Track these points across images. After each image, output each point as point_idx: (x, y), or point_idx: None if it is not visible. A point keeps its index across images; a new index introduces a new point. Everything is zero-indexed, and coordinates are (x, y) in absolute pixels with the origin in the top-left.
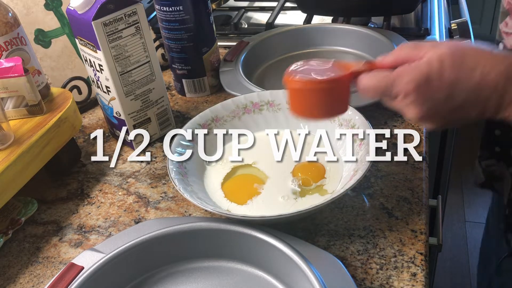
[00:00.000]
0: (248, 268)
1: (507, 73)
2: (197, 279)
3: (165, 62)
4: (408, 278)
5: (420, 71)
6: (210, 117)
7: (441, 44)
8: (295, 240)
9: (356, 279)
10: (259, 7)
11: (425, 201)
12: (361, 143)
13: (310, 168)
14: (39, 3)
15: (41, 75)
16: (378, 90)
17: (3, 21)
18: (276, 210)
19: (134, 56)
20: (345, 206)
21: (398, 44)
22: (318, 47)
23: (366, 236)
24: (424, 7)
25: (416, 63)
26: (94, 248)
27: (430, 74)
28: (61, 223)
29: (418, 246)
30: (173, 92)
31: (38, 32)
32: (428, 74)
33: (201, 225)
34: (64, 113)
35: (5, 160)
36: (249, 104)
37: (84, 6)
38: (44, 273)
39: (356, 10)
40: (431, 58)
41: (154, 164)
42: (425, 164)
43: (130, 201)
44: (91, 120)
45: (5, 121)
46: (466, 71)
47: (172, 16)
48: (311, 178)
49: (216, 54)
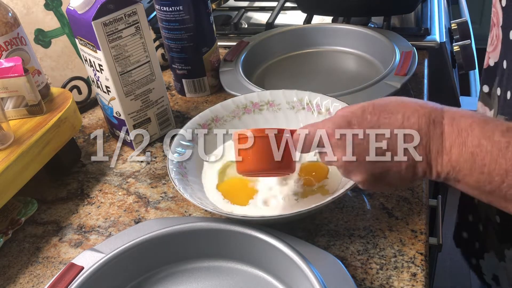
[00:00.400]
0: (248, 268)
1: (429, 115)
2: (197, 279)
3: (165, 62)
4: (408, 278)
5: (342, 115)
6: (210, 117)
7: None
8: (295, 240)
9: (356, 279)
10: (259, 7)
11: (425, 201)
12: None
13: (314, 169)
14: (39, 3)
15: (41, 75)
16: (308, 136)
17: (3, 21)
18: (276, 210)
19: (134, 56)
20: (345, 206)
21: (398, 44)
22: (318, 47)
23: (366, 236)
24: (424, 7)
25: (339, 113)
26: (94, 248)
27: (351, 118)
28: (61, 223)
29: (418, 246)
30: (173, 92)
31: (38, 32)
32: (350, 118)
33: (201, 225)
34: (64, 113)
35: (5, 160)
36: (249, 104)
37: (84, 6)
38: (44, 273)
39: (356, 10)
40: (353, 107)
41: (154, 164)
42: None
43: (130, 201)
44: (91, 120)
45: (5, 121)
46: (387, 115)
47: (172, 16)
48: (314, 178)
49: (216, 54)
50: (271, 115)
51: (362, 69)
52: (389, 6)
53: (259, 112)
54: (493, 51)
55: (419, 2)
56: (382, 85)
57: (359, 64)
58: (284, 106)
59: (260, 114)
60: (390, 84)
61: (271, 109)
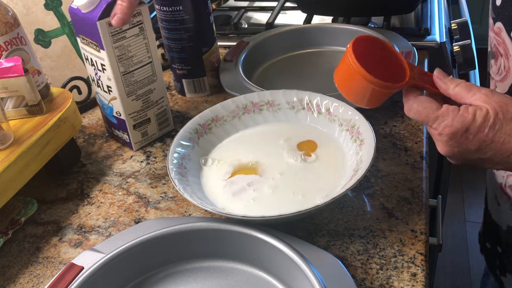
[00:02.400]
0: (248, 268)
1: None
2: (197, 279)
3: (165, 62)
4: (408, 278)
5: (462, 121)
6: (210, 117)
7: (494, 96)
8: (295, 240)
9: (356, 279)
10: (259, 7)
11: (425, 201)
12: (361, 143)
13: (307, 145)
14: (39, 3)
15: (41, 75)
16: (420, 116)
17: (3, 21)
18: (276, 208)
19: (137, 57)
20: (345, 206)
21: (398, 44)
22: (318, 47)
23: (366, 236)
24: (424, 7)
25: (463, 112)
26: (94, 248)
27: (469, 127)
28: (61, 223)
29: (418, 246)
30: (173, 92)
31: (38, 32)
32: (468, 126)
33: (201, 225)
34: (64, 113)
35: (5, 160)
36: (249, 104)
37: (88, 6)
38: (44, 273)
39: (356, 10)
40: (477, 113)
41: (154, 164)
42: (425, 164)
43: (130, 201)
44: (91, 120)
45: (5, 121)
46: (503, 136)
47: (172, 16)
48: (310, 150)
49: (216, 54)
50: (271, 115)
51: None
52: (389, 6)
53: (259, 112)
54: (502, 81)
55: (419, 2)
56: None
57: None
58: (284, 106)
59: (260, 114)
60: None
61: (271, 109)
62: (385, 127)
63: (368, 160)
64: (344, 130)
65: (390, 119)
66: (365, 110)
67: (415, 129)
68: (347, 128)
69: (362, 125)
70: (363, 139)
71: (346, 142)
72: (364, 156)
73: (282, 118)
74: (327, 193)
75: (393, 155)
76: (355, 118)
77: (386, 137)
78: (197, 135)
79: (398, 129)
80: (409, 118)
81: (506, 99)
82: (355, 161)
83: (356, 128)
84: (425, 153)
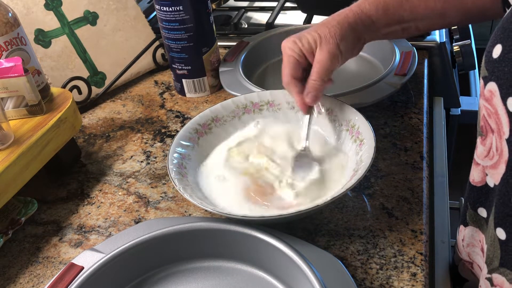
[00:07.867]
0: (248, 268)
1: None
2: (197, 279)
3: (165, 62)
4: (408, 278)
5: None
6: (210, 117)
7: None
8: (295, 240)
9: (356, 279)
10: (259, 7)
11: (425, 201)
12: (361, 143)
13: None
14: (39, 3)
15: (41, 75)
16: None
17: (3, 21)
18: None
19: None
20: (345, 206)
21: (398, 44)
22: None
23: (366, 236)
24: None
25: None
26: (94, 248)
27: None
28: (61, 223)
29: (418, 246)
30: (173, 92)
31: (38, 32)
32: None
33: (201, 225)
34: (64, 113)
35: (5, 160)
36: (249, 104)
37: None
38: (44, 273)
39: None
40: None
41: (154, 164)
42: (425, 164)
43: (130, 201)
44: (91, 120)
45: (5, 121)
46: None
47: (172, 16)
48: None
49: (216, 54)
50: (271, 115)
51: (362, 69)
52: None
53: (259, 112)
54: (494, 168)
55: None
56: (382, 85)
57: (359, 64)
58: (284, 106)
59: (260, 114)
60: (390, 84)
61: (271, 109)
62: (385, 127)
63: (368, 160)
64: (344, 130)
65: (390, 119)
66: (365, 110)
67: (415, 129)
68: (347, 128)
69: (362, 125)
70: (363, 139)
71: (346, 142)
72: (364, 156)
73: (282, 118)
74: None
75: (393, 155)
76: (355, 118)
77: (386, 137)
78: (197, 135)
79: (398, 129)
80: (409, 118)
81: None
82: (355, 161)
83: (356, 128)
84: (425, 153)
